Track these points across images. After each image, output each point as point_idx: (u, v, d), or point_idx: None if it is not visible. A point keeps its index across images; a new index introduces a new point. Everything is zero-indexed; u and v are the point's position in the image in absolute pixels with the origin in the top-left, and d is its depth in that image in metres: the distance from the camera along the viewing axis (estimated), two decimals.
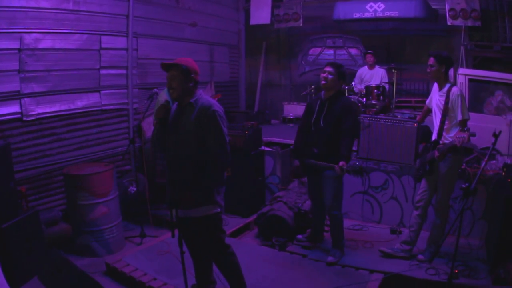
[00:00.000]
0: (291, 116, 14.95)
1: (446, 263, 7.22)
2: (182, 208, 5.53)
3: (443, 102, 7.11)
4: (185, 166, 5.51)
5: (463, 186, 5.33)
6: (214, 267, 6.26)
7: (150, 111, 9.61)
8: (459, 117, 6.95)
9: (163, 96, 9.16)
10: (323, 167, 7.39)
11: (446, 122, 7.14)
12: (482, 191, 8.14)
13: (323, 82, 7.48)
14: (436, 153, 7.07)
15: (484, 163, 5.84)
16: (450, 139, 6.95)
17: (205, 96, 5.62)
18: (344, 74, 7.56)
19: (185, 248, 5.46)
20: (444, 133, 7.19)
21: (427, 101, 7.84)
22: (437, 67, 7.13)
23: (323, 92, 7.66)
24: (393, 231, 8.85)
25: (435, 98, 7.38)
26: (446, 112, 7.08)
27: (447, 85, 7.15)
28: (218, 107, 5.44)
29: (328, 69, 7.44)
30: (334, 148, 7.33)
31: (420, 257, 7.53)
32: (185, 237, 5.89)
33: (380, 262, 7.59)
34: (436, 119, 7.37)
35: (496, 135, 5.71)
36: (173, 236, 5.34)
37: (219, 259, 6.04)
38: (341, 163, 7.07)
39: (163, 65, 5.47)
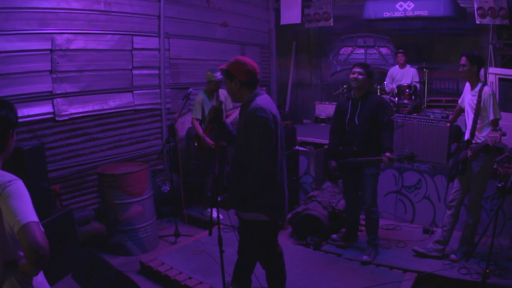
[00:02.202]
0: (323, 115, 14.90)
1: (478, 262, 7.21)
2: (222, 207, 5.54)
3: (475, 102, 7.06)
4: (234, 168, 5.50)
5: (499, 185, 5.27)
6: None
7: (184, 111, 9.62)
8: (491, 117, 6.91)
9: (201, 96, 9.22)
10: (365, 164, 7.49)
11: (479, 121, 7.10)
12: None
13: (354, 83, 7.56)
14: (469, 153, 7.02)
15: None
16: (483, 139, 6.91)
17: (260, 98, 5.37)
18: (372, 72, 7.64)
19: (224, 248, 5.43)
20: (476, 133, 7.15)
21: (459, 101, 7.79)
22: (469, 67, 7.08)
23: (352, 92, 7.75)
24: (425, 231, 8.79)
25: (468, 98, 7.33)
26: (478, 111, 7.04)
27: (479, 85, 7.10)
28: (263, 112, 5.14)
29: (357, 69, 7.52)
30: (372, 144, 7.42)
31: (453, 256, 7.48)
32: (238, 234, 5.89)
33: (413, 262, 7.57)
34: (468, 118, 7.33)
35: None
36: (210, 234, 5.35)
37: (263, 264, 6.04)
38: (387, 153, 7.19)
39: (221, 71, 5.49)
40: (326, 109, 15.19)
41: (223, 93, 9.44)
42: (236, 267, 6.17)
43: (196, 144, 9.48)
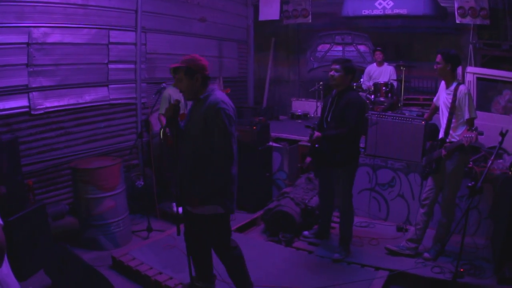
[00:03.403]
0: (299, 112, 14.88)
1: (452, 261, 7.19)
2: (186, 204, 5.61)
3: (450, 101, 7.08)
4: (190, 162, 5.54)
5: (469, 184, 5.32)
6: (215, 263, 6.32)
7: (158, 106, 9.63)
8: (466, 116, 6.91)
9: (168, 91, 9.20)
10: (333, 163, 7.51)
11: (453, 120, 7.10)
12: (489, 190, 8.11)
13: (330, 80, 7.54)
14: (443, 152, 7.04)
15: (490, 161, 5.83)
16: (457, 138, 6.94)
17: (218, 92, 5.59)
18: (351, 68, 7.50)
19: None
20: (451, 132, 7.16)
21: (435, 99, 7.81)
22: (443, 65, 7.11)
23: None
24: (399, 229, 8.84)
25: (443, 96, 7.35)
26: (453, 110, 7.05)
27: (454, 83, 7.12)
28: (225, 105, 5.37)
29: (334, 66, 7.45)
30: (342, 144, 7.34)
31: (426, 255, 7.51)
32: (188, 231, 5.95)
33: (385, 260, 7.58)
34: (443, 117, 7.33)
35: (503, 134, 5.70)
36: (178, 233, 5.43)
37: (222, 257, 6.05)
38: (316, 133, 7.32)
39: (171, 70, 5.51)
40: (302, 106, 15.24)
41: None
42: (195, 265, 6.27)
43: (162, 140, 9.52)
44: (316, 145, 7.50)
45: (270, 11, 14.78)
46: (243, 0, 15.59)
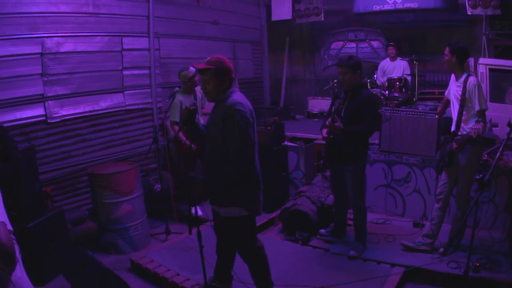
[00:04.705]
0: (315, 111, 14.97)
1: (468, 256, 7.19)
2: (212, 203, 5.81)
3: (460, 93, 7.03)
4: (211, 163, 5.65)
5: (477, 177, 5.30)
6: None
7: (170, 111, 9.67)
8: (477, 107, 6.85)
9: (178, 98, 9.16)
10: (344, 157, 7.54)
11: (464, 113, 7.05)
12: (505, 182, 8.06)
13: (343, 83, 7.65)
14: (454, 145, 7.01)
15: (498, 153, 5.82)
16: (469, 130, 6.91)
17: (236, 94, 5.61)
18: (356, 65, 7.42)
19: (204, 243, 5.59)
20: (462, 124, 7.11)
21: (446, 92, 7.79)
22: (449, 57, 7.10)
23: None
24: (416, 224, 8.81)
25: (453, 89, 7.32)
26: (463, 102, 7.01)
27: (464, 75, 7.08)
28: (241, 106, 5.39)
29: (339, 70, 7.51)
30: (353, 139, 7.37)
31: (442, 250, 7.47)
32: (216, 231, 6.13)
33: (401, 256, 7.57)
34: (454, 110, 7.30)
35: (511, 125, 5.67)
36: (190, 232, 5.53)
37: (246, 259, 6.13)
38: (339, 123, 7.16)
39: (197, 70, 5.59)
40: (318, 104, 15.23)
41: (200, 90, 9.50)
42: (217, 264, 6.35)
43: (175, 147, 9.62)
44: (331, 136, 7.45)
45: (282, 10, 14.83)
46: (255, 1, 15.67)
